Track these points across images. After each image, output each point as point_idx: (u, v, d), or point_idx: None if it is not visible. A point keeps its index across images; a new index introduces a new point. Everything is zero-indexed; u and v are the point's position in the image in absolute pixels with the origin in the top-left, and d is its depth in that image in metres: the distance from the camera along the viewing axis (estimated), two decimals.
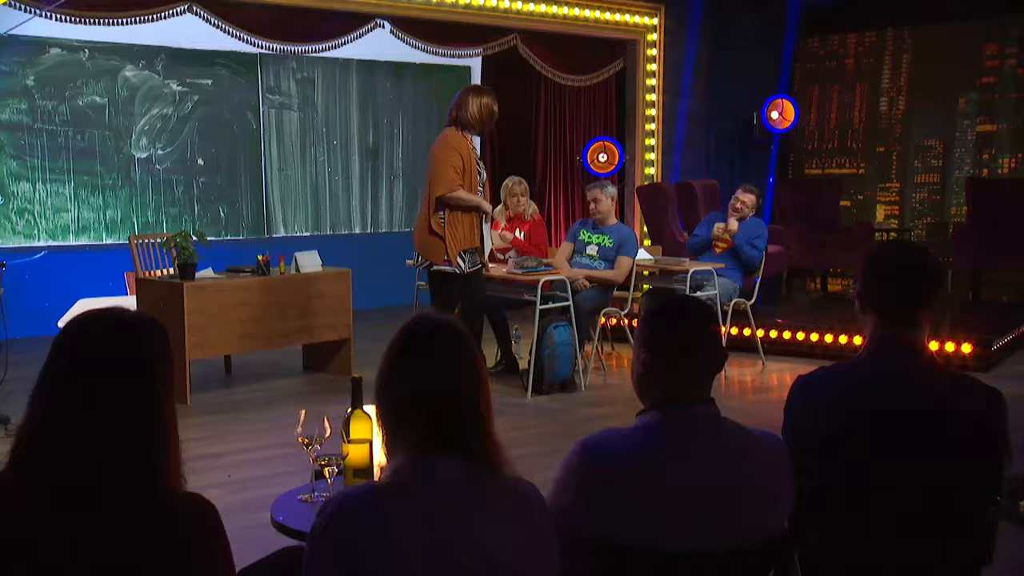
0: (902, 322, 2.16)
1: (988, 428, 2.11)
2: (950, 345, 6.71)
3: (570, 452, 1.94)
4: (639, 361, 1.98)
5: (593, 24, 9.46)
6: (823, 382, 2.23)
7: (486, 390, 1.74)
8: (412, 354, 1.72)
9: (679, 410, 1.94)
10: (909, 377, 2.14)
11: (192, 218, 8.49)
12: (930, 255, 2.25)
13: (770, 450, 1.99)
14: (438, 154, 5.64)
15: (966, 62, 9.78)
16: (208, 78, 8.51)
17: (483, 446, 1.69)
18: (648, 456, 1.89)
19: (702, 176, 9.84)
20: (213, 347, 6.04)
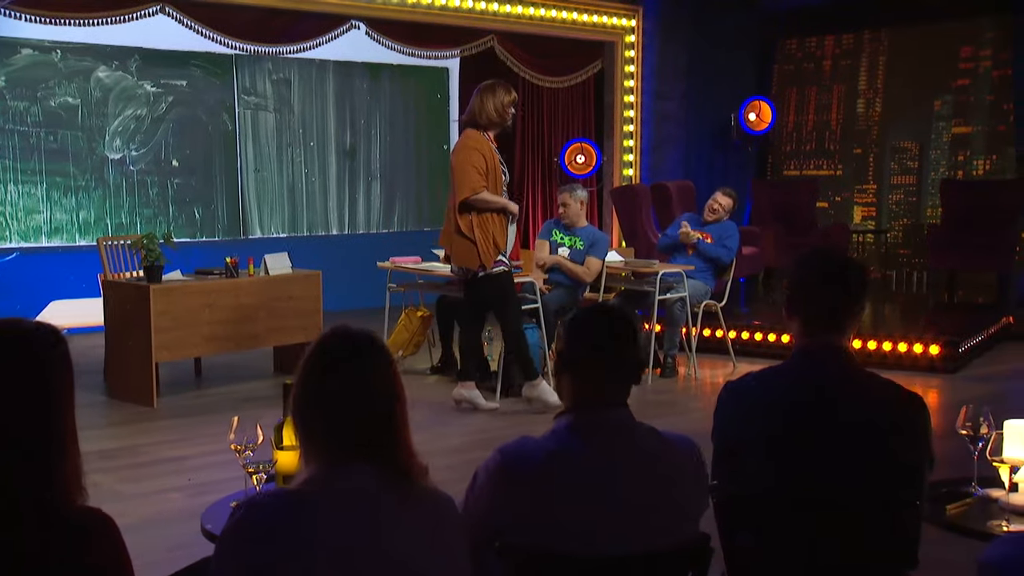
0: (826, 328, 2.20)
1: (909, 433, 2.14)
2: (918, 347, 6.75)
3: (488, 458, 1.96)
4: (556, 367, 2.03)
5: (571, 25, 9.47)
6: (750, 387, 2.28)
7: (402, 400, 1.73)
8: (328, 365, 1.71)
9: (591, 414, 1.96)
10: (832, 382, 2.18)
11: (167, 219, 8.47)
12: (853, 262, 2.30)
13: (683, 454, 2.02)
14: (459, 156, 5.49)
15: (942, 64, 9.82)
16: (182, 79, 8.49)
17: (397, 456, 1.69)
18: (560, 459, 1.91)
19: (680, 177, 9.86)
20: (180, 350, 6.03)
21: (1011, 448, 2.43)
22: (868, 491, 2.11)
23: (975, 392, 6.24)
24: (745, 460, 2.20)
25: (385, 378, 1.72)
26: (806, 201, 9.94)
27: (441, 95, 10.12)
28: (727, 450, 2.25)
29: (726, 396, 2.30)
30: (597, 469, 1.91)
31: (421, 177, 10.08)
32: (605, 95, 10.05)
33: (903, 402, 2.17)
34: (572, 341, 2.03)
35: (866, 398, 2.17)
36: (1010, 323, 7.83)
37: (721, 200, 6.91)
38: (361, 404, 1.68)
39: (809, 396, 2.17)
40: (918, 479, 2.15)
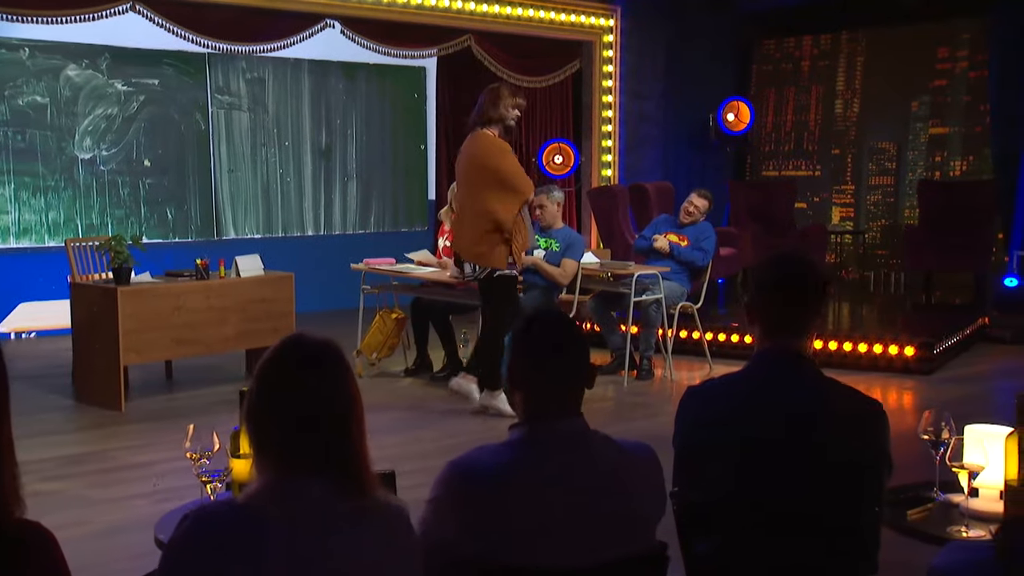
0: (785, 332, 2.19)
1: (868, 439, 2.13)
2: (893, 348, 6.74)
3: (441, 471, 1.93)
4: (506, 379, 2.00)
5: (548, 25, 9.42)
6: (711, 392, 2.27)
7: (359, 411, 1.70)
8: (283, 374, 1.69)
9: (545, 424, 1.93)
10: (792, 388, 2.17)
11: (139, 220, 8.36)
12: (813, 266, 2.26)
13: (640, 462, 1.99)
14: (504, 160, 5.38)
15: (919, 65, 9.84)
16: (154, 78, 8.38)
17: (351, 468, 1.67)
18: (514, 471, 1.88)
19: (659, 178, 9.83)
20: (149, 353, 5.94)
21: (971, 453, 2.41)
22: (827, 497, 2.10)
23: (949, 394, 6.24)
24: (705, 466, 2.19)
25: (341, 387, 1.69)
26: (784, 202, 9.93)
27: (418, 95, 10.05)
28: (687, 456, 2.24)
29: (687, 401, 2.28)
30: (550, 480, 1.88)
31: (398, 177, 10.01)
32: (583, 95, 10.01)
33: (862, 408, 2.16)
34: (518, 353, 1.99)
35: (825, 404, 2.15)
36: (986, 324, 7.84)
37: (696, 202, 6.87)
38: (316, 414, 1.65)
39: (768, 402, 2.15)
40: (877, 485, 2.14)
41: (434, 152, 10.06)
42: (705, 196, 6.91)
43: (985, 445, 2.38)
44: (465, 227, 5.51)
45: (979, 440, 2.41)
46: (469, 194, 5.49)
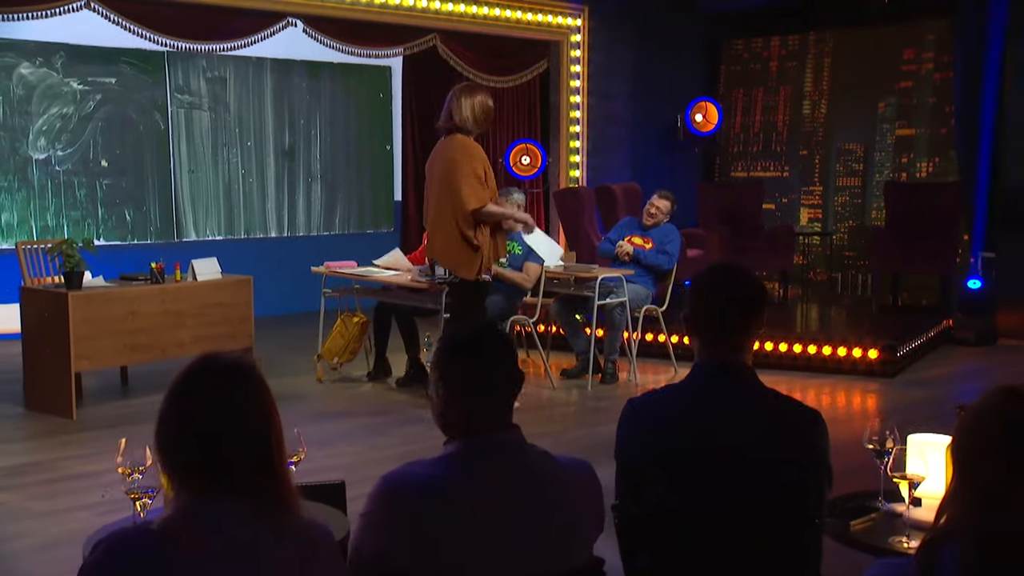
0: (724, 345, 2.19)
1: (808, 451, 2.13)
2: (857, 351, 6.72)
3: (373, 486, 1.89)
4: (436, 395, 1.95)
5: (515, 25, 9.34)
6: (651, 404, 2.27)
7: (276, 429, 1.68)
8: (195, 393, 1.67)
9: (479, 439, 1.90)
10: (732, 400, 2.17)
11: (96, 222, 8.19)
12: (750, 278, 2.27)
13: (576, 476, 1.97)
14: (463, 164, 5.24)
15: (885, 67, 9.84)
16: (112, 76, 8.21)
17: (270, 488, 1.64)
18: (447, 486, 1.85)
19: (627, 179, 9.77)
20: (101, 359, 5.81)
21: (913, 463, 2.40)
22: (767, 510, 2.10)
23: (912, 397, 6.23)
24: (646, 479, 2.19)
25: (257, 405, 1.67)
26: (752, 203, 9.90)
27: (384, 94, 9.93)
28: (629, 469, 2.24)
29: (628, 413, 2.27)
30: (485, 495, 1.85)
31: (364, 178, 9.88)
32: (550, 95, 9.93)
33: (800, 418, 2.17)
34: (449, 368, 1.95)
35: (763, 415, 2.16)
36: (950, 326, 7.85)
37: (658, 203, 6.81)
38: (227, 434, 1.63)
39: (708, 415, 2.16)
40: (817, 496, 2.14)
41: (400, 152, 9.95)
42: (667, 197, 6.85)
43: (926, 455, 2.36)
44: (438, 233, 5.42)
45: (920, 450, 2.40)
46: (440, 200, 5.39)
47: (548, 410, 6.10)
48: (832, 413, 6.15)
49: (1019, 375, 6.90)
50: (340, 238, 9.53)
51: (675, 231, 6.87)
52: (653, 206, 6.79)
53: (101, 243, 8.20)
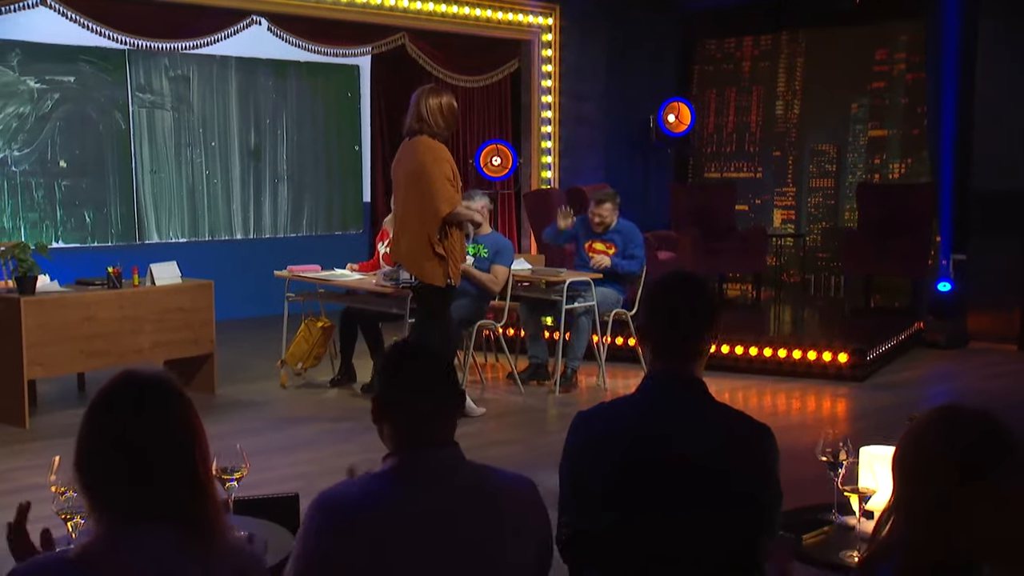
0: (674, 356, 2.16)
1: (758, 466, 2.10)
2: (827, 355, 6.67)
3: (308, 505, 1.85)
4: (375, 411, 1.92)
5: (485, 24, 9.22)
6: (600, 417, 2.22)
7: (203, 449, 1.63)
8: (116, 413, 1.60)
9: (415, 455, 1.86)
10: (681, 414, 2.13)
11: (54, 224, 8.01)
12: (703, 288, 2.25)
13: (516, 492, 1.93)
14: (432, 168, 5.11)
15: (858, 67, 9.81)
16: (71, 75, 8.02)
17: (197, 512, 1.59)
18: (381, 503, 1.81)
19: (600, 180, 9.68)
20: (56, 366, 5.67)
21: (865, 476, 2.36)
22: (717, 524, 2.06)
23: (880, 401, 6.19)
24: (592, 494, 2.14)
25: (181, 423, 1.62)
26: (724, 205, 9.85)
27: (352, 94, 9.79)
28: (575, 483, 2.19)
29: (576, 425, 2.23)
30: (422, 513, 1.82)
31: (332, 179, 9.74)
32: (522, 95, 9.83)
33: (750, 432, 2.13)
34: (387, 385, 1.93)
35: (715, 431, 2.12)
36: (921, 329, 7.82)
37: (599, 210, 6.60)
38: (148, 457, 1.57)
39: (657, 428, 2.11)
40: (767, 511, 2.10)
41: (369, 153, 9.81)
42: (607, 199, 6.67)
43: (875, 468, 2.33)
44: (403, 237, 5.32)
45: (871, 462, 2.37)
46: (407, 203, 5.28)
47: (516, 415, 6.00)
48: (801, 418, 6.09)
49: (989, 378, 6.89)
50: (308, 240, 9.39)
51: (635, 231, 6.73)
52: (595, 214, 6.65)
53: (60, 245, 8.03)
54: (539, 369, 6.59)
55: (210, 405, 6.13)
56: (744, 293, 9.99)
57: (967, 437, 1.55)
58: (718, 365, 6.92)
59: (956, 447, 1.54)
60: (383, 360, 1.98)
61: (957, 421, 1.58)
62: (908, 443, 1.61)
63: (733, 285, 10.26)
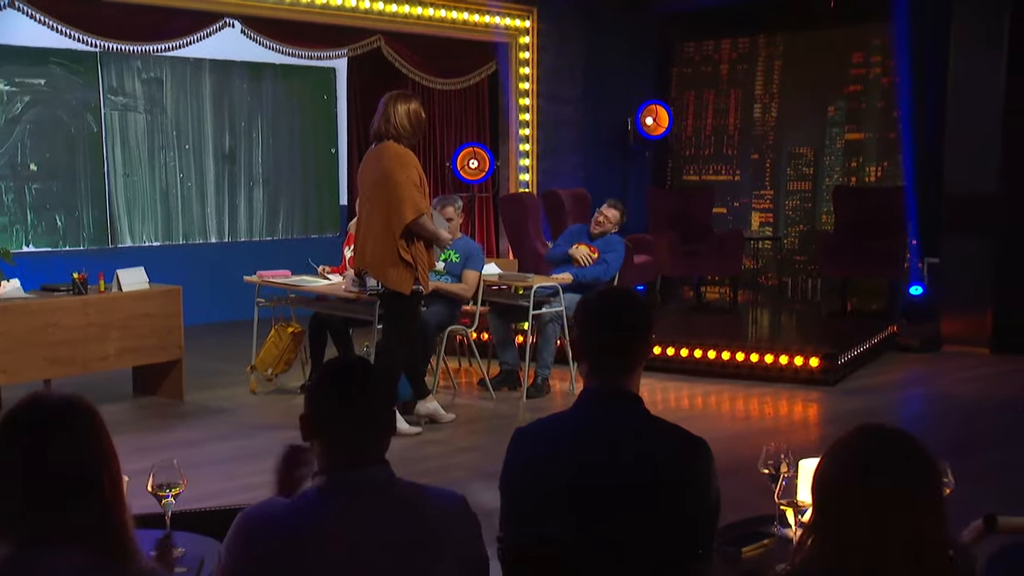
0: (609, 372, 2.17)
1: (694, 480, 2.10)
2: (799, 359, 6.66)
3: (234, 522, 1.83)
4: (303, 429, 1.90)
5: (461, 26, 9.17)
6: (538, 432, 2.23)
7: (111, 472, 1.62)
8: (23, 434, 1.58)
9: (344, 474, 1.85)
10: (617, 429, 2.14)
11: (24, 228, 7.94)
12: (637, 304, 2.26)
13: (446, 509, 1.92)
14: (398, 174, 5.05)
15: (834, 70, 9.81)
16: (41, 77, 7.95)
17: (106, 536, 1.57)
18: (305, 522, 1.79)
19: (579, 183, 9.66)
20: (19, 373, 5.60)
21: (804, 489, 2.34)
22: (653, 539, 2.06)
23: (849, 406, 6.18)
24: (530, 509, 2.15)
25: (90, 446, 1.60)
26: (702, 208, 9.84)
27: (328, 96, 9.74)
28: (514, 499, 2.20)
29: (515, 441, 2.23)
30: (341, 531, 1.80)
31: (308, 182, 9.69)
32: (499, 98, 9.79)
33: (685, 446, 2.14)
34: (315, 402, 1.90)
35: (649, 445, 2.13)
36: (895, 332, 7.82)
37: (607, 212, 6.68)
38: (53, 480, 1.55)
39: (592, 443, 2.12)
40: (703, 526, 2.11)
41: (345, 155, 9.76)
42: (616, 207, 6.71)
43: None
44: (369, 243, 5.25)
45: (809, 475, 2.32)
46: (374, 209, 5.22)
47: (485, 422, 5.97)
48: (771, 423, 6.08)
49: (961, 382, 6.89)
50: (283, 243, 9.34)
51: (620, 242, 6.74)
52: (602, 215, 6.67)
53: (31, 250, 7.97)
54: (510, 375, 6.56)
55: (178, 412, 6.08)
56: (722, 296, 9.99)
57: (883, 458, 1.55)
58: (690, 370, 6.94)
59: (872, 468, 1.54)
60: (314, 378, 1.96)
61: (873, 443, 1.58)
62: (826, 464, 1.61)
63: (711, 288, 10.26)
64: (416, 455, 5.26)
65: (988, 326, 7.56)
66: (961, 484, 2.43)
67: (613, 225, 6.69)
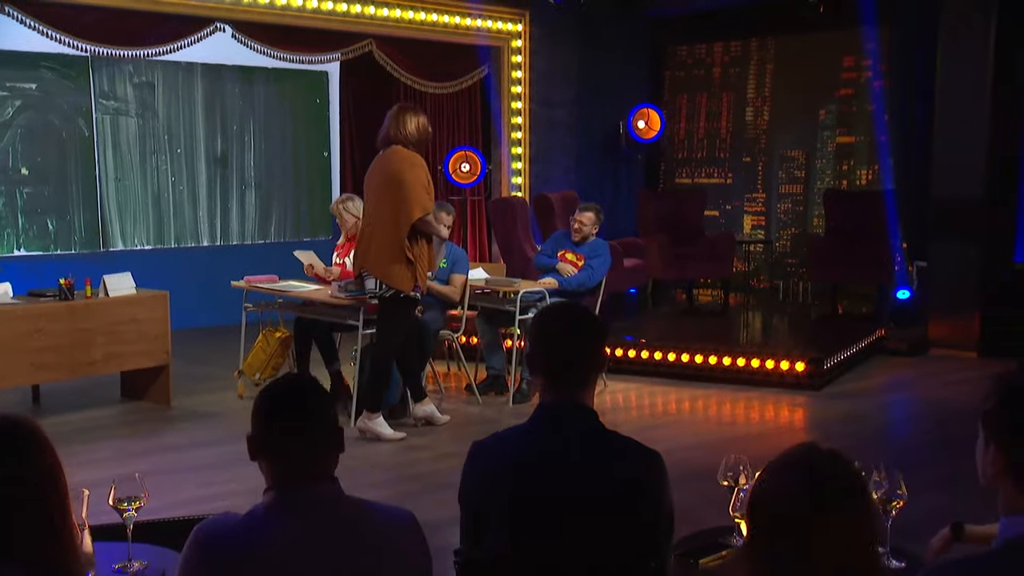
0: (563, 386, 2.19)
1: (648, 492, 2.12)
2: (784, 364, 6.68)
3: (189, 536, 1.85)
4: (249, 449, 1.91)
5: (453, 30, 9.20)
6: (494, 446, 2.25)
7: (59, 493, 1.65)
8: None
9: (292, 492, 1.86)
10: (571, 442, 2.16)
11: (15, 232, 7.97)
12: (587, 317, 2.31)
13: (394, 526, 1.93)
14: (408, 175, 5.26)
15: (825, 74, 9.83)
16: (32, 81, 7.98)
17: (50, 554, 1.61)
18: (257, 537, 1.81)
19: (570, 187, 9.67)
20: (5, 378, 5.65)
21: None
22: (607, 553, 2.08)
23: (834, 411, 6.20)
24: (486, 523, 2.17)
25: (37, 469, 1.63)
26: (693, 211, 9.86)
27: (320, 100, 9.76)
28: (471, 512, 2.22)
29: (472, 454, 2.26)
30: (293, 548, 1.81)
31: (300, 185, 9.71)
32: (491, 102, 9.80)
33: (641, 461, 2.16)
34: (259, 424, 1.90)
35: (603, 458, 2.15)
36: (883, 336, 7.83)
37: (581, 217, 6.68)
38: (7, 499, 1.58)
39: (547, 457, 2.15)
40: (658, 538, 2.13)
41: (338, 158, 9.79)
42: (589, 208, 6.73)
43: None
44: (374, 242, 5.37)
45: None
46: (379, 210, 5.35)
47: (471, 427, 5.99)
48: (756, 428, 6.09)
49: (947, 385, 6.90)
50: (276, 246, 9.36)
51: (605, 247, 6.74)
52: (577, 220, 6.69)
53: (22, 254, 8.00)
54: (497, 380, 6.58)
55: (165, 417, 6.11)
56: (714, 299, 10.00)
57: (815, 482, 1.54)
58: (677, 374, 6.96)
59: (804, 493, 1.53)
60: (257, 398, 1.95)
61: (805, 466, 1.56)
62: (759, 488, 1.60)
63: (704, 291, 10.28)
64: (403, 459, 5.30)
65: (975, 330, 7.58)
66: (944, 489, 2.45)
67: (591, 226, 6.68)
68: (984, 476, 1.68)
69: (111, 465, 4.88)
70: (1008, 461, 1.62)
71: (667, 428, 5.95)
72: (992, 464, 1.64)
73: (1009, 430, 1.62)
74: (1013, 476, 1.61)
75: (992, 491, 1.68)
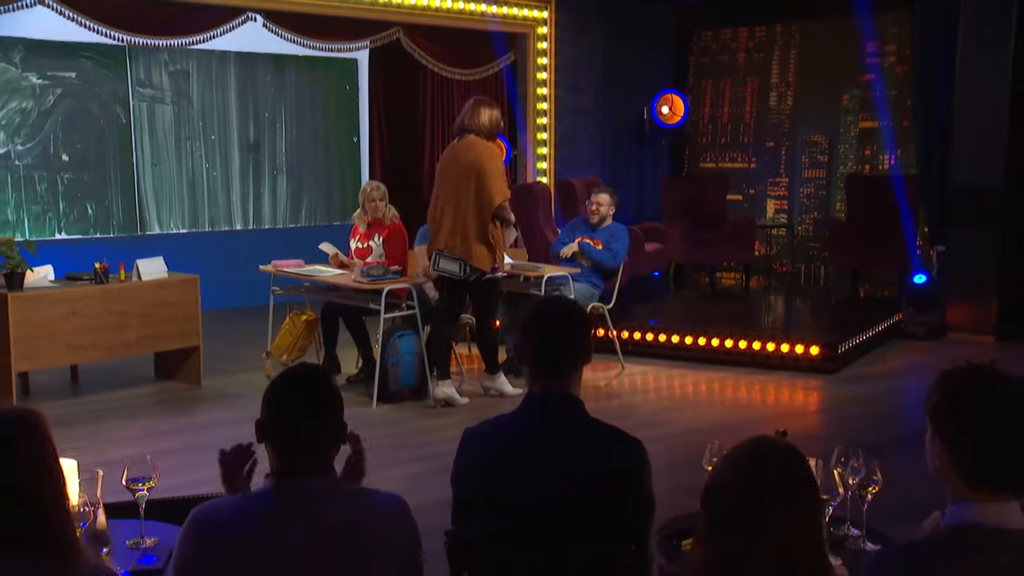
0: (550, 377, 2.27)
1: (630, 479, 2.21)
2: (799, 347, 6.78)
3: (186, 520, 1.95)
4: (256, 433, 2.01)
5: (479, 17, 9.33)
6: (484, 433, 2.33)
7: (55, 484, 1.71)
8: None
9: (292, 480, 1.95)
10: (556, 431, 2.25)
11: (57, 216, 8.27)
12: (576, 311, 2.38)
13: (385, 514, 2.01)
14: (489, 164, 5.76)
15: (849, 59, 9.83)
16: (72, 71, 8.25)
17: (51, 537, 1.67)
18: (255, 523, 1.90)
19: (595, 172, 9.79)
20: (43, 359, 5.89)
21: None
22: (590, 539, 2.16)
23: (847, 395, 6.30)
24: (475, 508, 2.26)
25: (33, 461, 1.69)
26: (715, 196, 9.93)
27: (350, 86, 9.96)
28: (461, 496, 2.31)
29: (464, 441, 2.35)
30: (289, 534, 1.90)
31: (331, 170, 9.93)
32: (518, 88, 9.93)
33: (623, 448, 2.24)
34: (268, 411, 1.99)
35: (587, 446, 2.22)
36: (900, 320, 7.89)
37: (597, 199, 6.85)
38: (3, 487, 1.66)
39: (535, 445, 2.23)
40: (638, 523, 2.22)
41: (367, 144, 9.98)
42: (604, 190, 6.93)
43: None
44: (458, 224, 5.80)
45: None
46: (459, 195, 5.79)
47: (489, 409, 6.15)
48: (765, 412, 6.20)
49: None
50: (306, 230, 9.59)
51: (623, 230, 6.90)
52: (593, 203, 6.85)
53: (63, 237, 8.31)
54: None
55: (195, 396, 6.35)
56: (737, 283, 10.09)
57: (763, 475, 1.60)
58: (694, 357, 7.09)
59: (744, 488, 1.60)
60: (269, 387, 2.04)
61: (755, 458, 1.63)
62: (710, 481, 1.67)
63: (726, 275, 10.36)
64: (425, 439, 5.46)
65: (993, 314, 7.61)
66: None
67: (608, 207, 6.83)
68: (932, 468, 1.75)
69: (142, 443, 5.10)
70: (951, 454, 1.69)
71: (682, 410, 6.09)
72: (938, 456, 1.71)
73: (952, 427, 1.69)
74: (957, 469, 1.69)
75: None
